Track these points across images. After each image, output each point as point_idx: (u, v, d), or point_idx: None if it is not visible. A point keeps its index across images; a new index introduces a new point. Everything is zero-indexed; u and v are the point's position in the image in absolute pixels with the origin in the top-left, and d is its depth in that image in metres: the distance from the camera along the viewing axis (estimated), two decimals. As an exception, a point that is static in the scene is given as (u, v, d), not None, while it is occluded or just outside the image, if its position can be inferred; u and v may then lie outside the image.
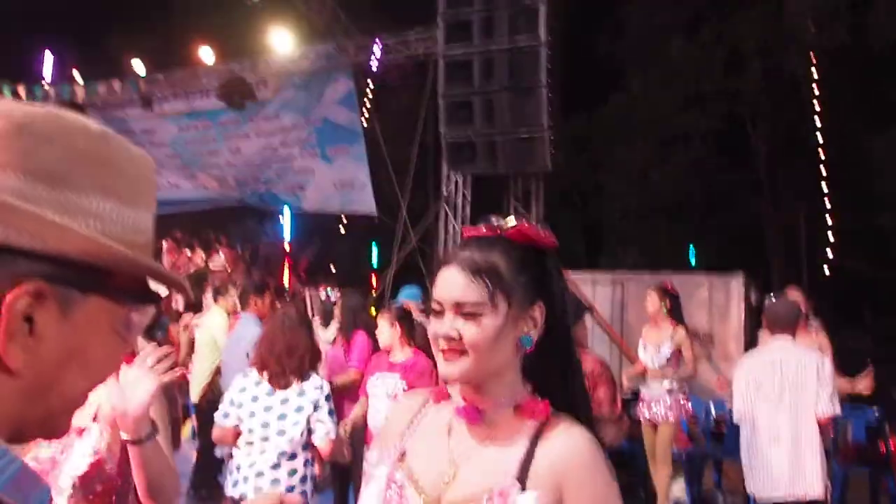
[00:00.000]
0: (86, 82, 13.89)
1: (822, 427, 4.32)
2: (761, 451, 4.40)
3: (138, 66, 14.08)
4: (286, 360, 3.54)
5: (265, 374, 3.56)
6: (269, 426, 3.49)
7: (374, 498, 1.36)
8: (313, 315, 7.81)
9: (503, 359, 1.30)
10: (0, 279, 0.66)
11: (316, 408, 3.49)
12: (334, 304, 6.72)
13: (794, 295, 5.89)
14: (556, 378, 1.35)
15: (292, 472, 3.49)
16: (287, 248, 16.38)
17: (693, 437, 6.83)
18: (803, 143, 16.71)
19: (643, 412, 5.96)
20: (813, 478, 4.27)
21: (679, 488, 6.78)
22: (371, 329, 5.01)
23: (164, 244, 12.66)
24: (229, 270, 11.75)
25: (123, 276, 0.73)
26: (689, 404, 6.16)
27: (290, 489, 3.46)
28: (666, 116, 18.25)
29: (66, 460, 1.89)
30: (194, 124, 13.18)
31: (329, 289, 7.71)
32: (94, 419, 1.92)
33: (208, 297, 6.90)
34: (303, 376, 3.55)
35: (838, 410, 4.34)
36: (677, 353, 5.90)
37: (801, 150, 17.07)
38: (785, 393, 4.35)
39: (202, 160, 13.40)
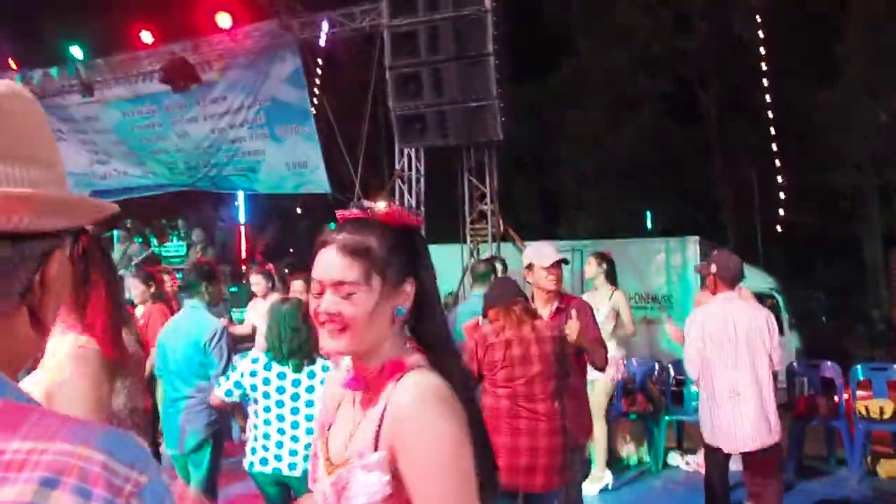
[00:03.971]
0: (22, 70, 13.42)
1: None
2: (722, 407, 4.49)
3: (77, 51, 13.63)
4: (293, 342, 3.72)
5: (276, 356, 3.74)
6: (284, 405, 3.70)
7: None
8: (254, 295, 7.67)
9: (380, 331, 1.42)
10: (34, 258, 0.80)
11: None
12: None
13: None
14: (429, 337, 1.47)
15: (305, 456, 3.64)
16: (243, 230, 16.18)
17: (652, 399, 6.92)
18: (752, 103, 16.92)
19: None
20: (775, 427, 4.45)
21: (629, 450, 6.88)
22: None
23: (117, 233, 12.36)
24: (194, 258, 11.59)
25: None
26: (626, 367, 6.46)
27: (293, 466, 3.66)
28: (616, 81, 18.33)
29: None
30: (139, 109, 12.82)
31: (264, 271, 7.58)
32: None
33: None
34: (311, 359, 3.73)
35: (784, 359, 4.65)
36: (614, 316, 6.06)
37: (749, 111, 17.28)
38: (740, 348, 4.45)
39: (150, 146, 13.06)
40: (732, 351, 4.44)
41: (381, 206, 1.47)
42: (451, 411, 1.33)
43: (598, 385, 5.87)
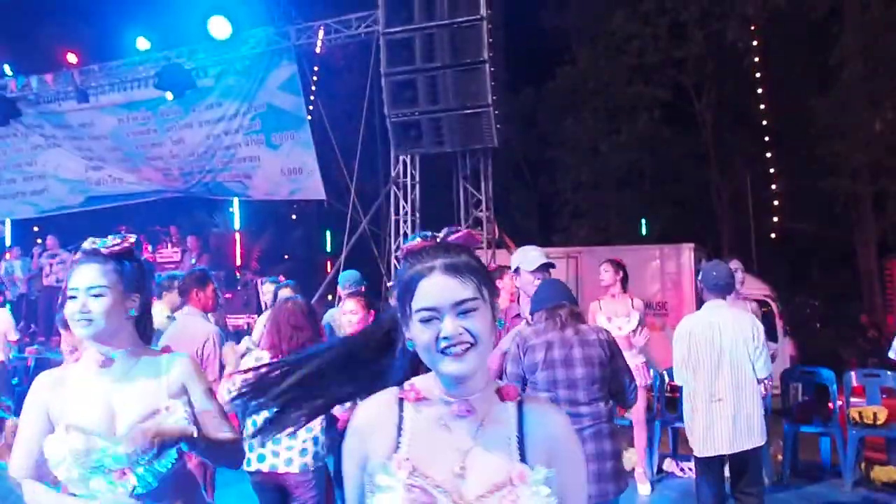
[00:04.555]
0: (18, 76, 13.42)
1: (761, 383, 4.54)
2: (699, 411, 4.55)
3: (72, 57, 13.63)
4: (295, 340, 3.69)
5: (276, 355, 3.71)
6: None
7: None
8: (266, 305, 7.68)
9: (491, 346, 1.43)
10: None
11: None
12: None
13: (735, 265, 6.06)
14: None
15: (301, 450, 3.67)
16: (238, 237, 16.16)
17: (648, 405, 6.91)
18: (747, 110, 16.97)
19: None
20: (756, 431, 4.48)
21: (626, 457, 6.85)
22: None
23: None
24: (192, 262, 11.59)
25: None
26: (648, 372, 6.43)
27: (290, 462, 3.66)
28: (612, 88, 18.37)
29: None
30: (134, 115, 12.83)
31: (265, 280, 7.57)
32: None
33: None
34: None
35: (771, 370, 4.58)
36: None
37: (745, 118, 17.34)
38: (724, 355, 4.51)
39: (145, 152, 13.06)
40: (716, 357, 4.50)
41: (456, 231, 1.55)
42: None
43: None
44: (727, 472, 4.81)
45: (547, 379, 3.46)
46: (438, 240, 1.50)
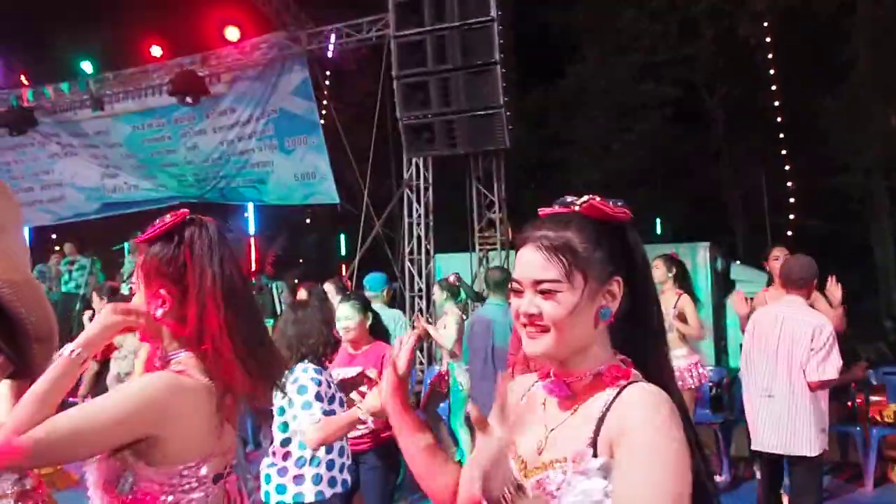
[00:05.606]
0: (34, 86, 13.56)
1: (815, 389, 4.36)
2: (754, 403, 4.53)
3: (87, 66, 13.75)
4: (298, 346, 3.57)
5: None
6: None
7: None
8: (281, 308, 7.73)
9: (584, 333, 1.35)
10: None
11: (290, 403, 3.44)
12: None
13: (779, 252, 5.95)
14: (641, 346, 1.40)
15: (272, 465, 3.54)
16: (252, 242, 16.25)
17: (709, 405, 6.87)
18: (759, 107, 16.87)
19: None
20: (804, 437, 4.33)
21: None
22: None
23: (127, 246, 12.42)
24: None
25: None
26: (703, 369, 6.08)
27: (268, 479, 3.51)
28: (623, 87, 18.32)
29: None
30: (148, 123, 12.95)
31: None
32: None
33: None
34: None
35: (830, 376, 4.32)
36: (678, 321, 5.85)
37: (757, 115, 17.24)
38: (781, 350, 4.40)
39: (160, 159, 13.18)
40: (773, 353, 4.42)
41: (582, 199, 1.39)
42: (680, 431, 1.25)
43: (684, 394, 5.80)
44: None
45: None
46: (570, 207, 1.39)
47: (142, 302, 1.81)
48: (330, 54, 11.78)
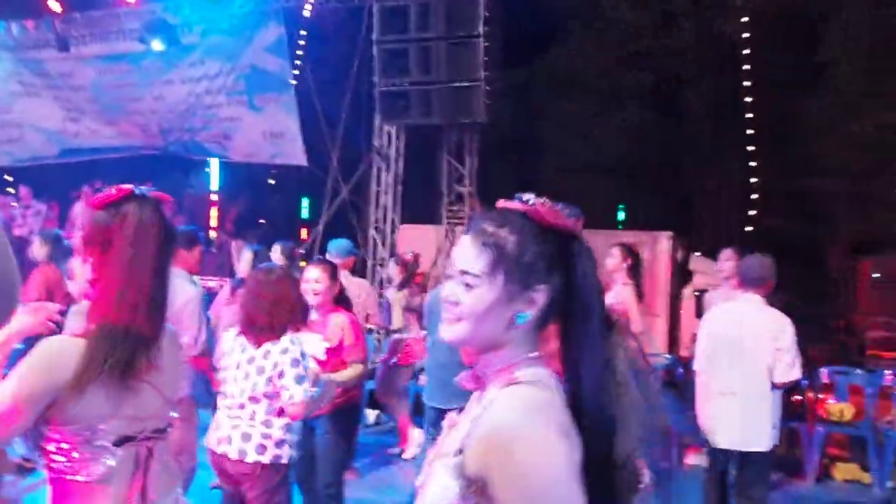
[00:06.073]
0: (-3, 21, 13.06)
1: (779, 388, 4.40)
2: (713, 400, 4.49)
3: (54, 5, 13.26)
4: (275, 312, 3.49)
5: (246, 330, 3.54)
6: (244, 388, 3.48)
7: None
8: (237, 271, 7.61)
9: (495, 333, 1.32)
10: None
11: (281, 374, 3.40)
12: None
13: (727, 255, 5.98)
14: (569, 356, 1.33)
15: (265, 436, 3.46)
16: (214, 199, 15.96)
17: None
18: (734, 104, 16.98)
19: None
20: (760, 432, 4.37)
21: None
22: None
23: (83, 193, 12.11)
24: None
25: None
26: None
27: (262, 450, 3.45)
28: (603, 73, 18.32)
29: None
30: (115, 68, 12.54)
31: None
32: None
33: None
34: (278, 335, 3.48)
35: (796, 376, 4.42)
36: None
37: (732, 111, 17.36)
38: (743, 349, 4.40)
39: (124, 105, 12.80)
40: (735, 351, 4.40)
41: (535, 201, 1.36)
42: (557, 436, 1.21)
43: None
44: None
45: None
46: (525, 207, 1.35)
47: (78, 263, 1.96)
48: (307, 13, 11.54)
